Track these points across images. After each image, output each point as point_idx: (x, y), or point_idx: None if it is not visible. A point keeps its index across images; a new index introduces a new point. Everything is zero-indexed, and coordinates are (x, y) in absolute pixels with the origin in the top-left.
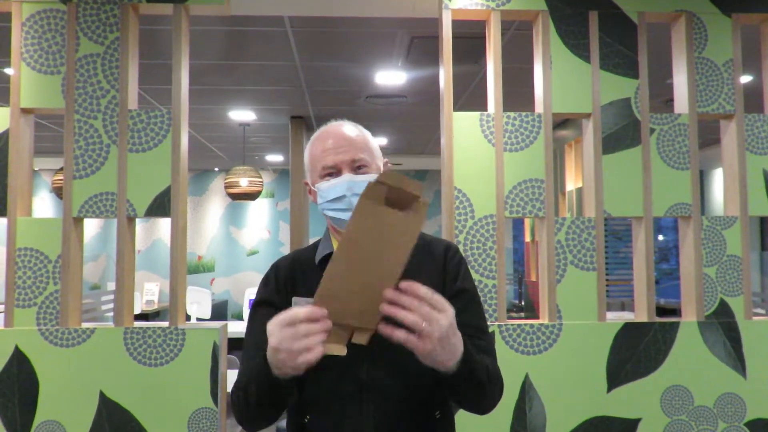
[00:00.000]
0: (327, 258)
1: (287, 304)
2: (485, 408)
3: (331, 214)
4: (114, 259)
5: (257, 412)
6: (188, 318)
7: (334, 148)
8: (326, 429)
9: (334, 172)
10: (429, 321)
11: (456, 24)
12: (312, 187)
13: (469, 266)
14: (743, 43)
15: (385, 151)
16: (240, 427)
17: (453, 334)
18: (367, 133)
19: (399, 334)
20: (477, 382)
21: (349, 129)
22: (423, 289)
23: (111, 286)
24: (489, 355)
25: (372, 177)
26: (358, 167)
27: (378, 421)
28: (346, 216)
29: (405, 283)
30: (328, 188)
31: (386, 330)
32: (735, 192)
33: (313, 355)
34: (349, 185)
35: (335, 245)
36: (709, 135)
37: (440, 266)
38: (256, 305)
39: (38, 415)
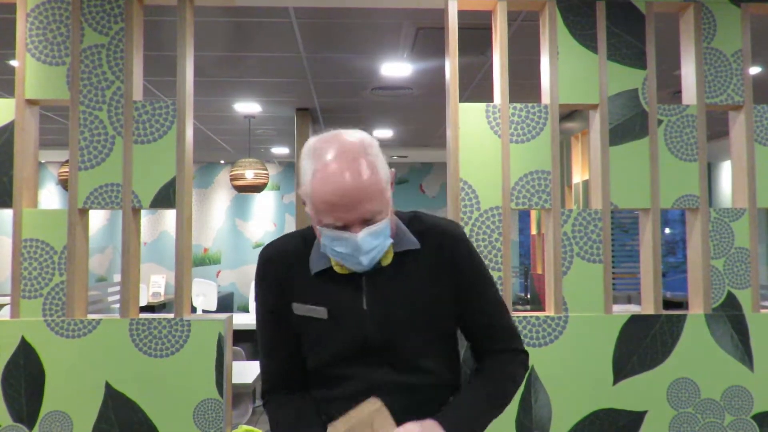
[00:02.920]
0: (324, 271)
1: (287, 307)
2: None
3: (332, 255)
4: (120, 251)
5: None
6: (194, 310)
7: (339, 206)
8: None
9: (341, 226)
10: None
11: (462, 15)
12: (313, 220)
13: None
14: (752, 33)
15: (390, 143)
16: (246, 417)
17: None
18: (375, 157)
19: None
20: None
21: (357, 169)
22: None
23: (117, 278)
24: (512, 333)
25: (382, 225)
26: (368, 219)
27: (401, 404)
28: (351, 264)
29: None
30: (333, 239)
31: None
32: (743, 184)
33: None
34: (358, 246)
35: (333, 261)
36: (716, 127)
37: (445, 261)
38: (260, 308)
39: (44, 405)
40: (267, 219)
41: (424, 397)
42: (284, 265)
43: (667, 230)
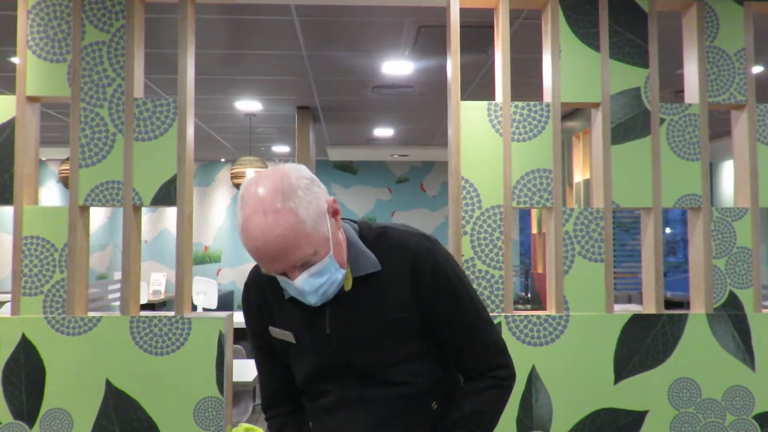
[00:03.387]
0: (293, 299)
1: (265, 330)
2: None
3: (290, 292)
4: (121, 249)
5: None
6: (194, 308)
7: (265, 260)
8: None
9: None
10: None
11: (464, 13)
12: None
13: (476, 258)
14: (756, 32)
15: (391, 142)
16: (246, 416)
17: None
18: (300, 205)
19: None
20: None
21: (270, 229)
22: None
23: (118, 276)
24: (489, 352)
25: (321, 265)
26: (302, 264)
27: (375, 415)
28: (309, 303)
29: None
30: (282, 281)
31: None
32: (746, 183)
33: None
34: (301, 291)
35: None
36: (717, 127)
37: (405, 279)
38: (248, 331)
39: (45, 402)
40: None
41: (400, 408)
42: (262, 290)
43: (668, 230)
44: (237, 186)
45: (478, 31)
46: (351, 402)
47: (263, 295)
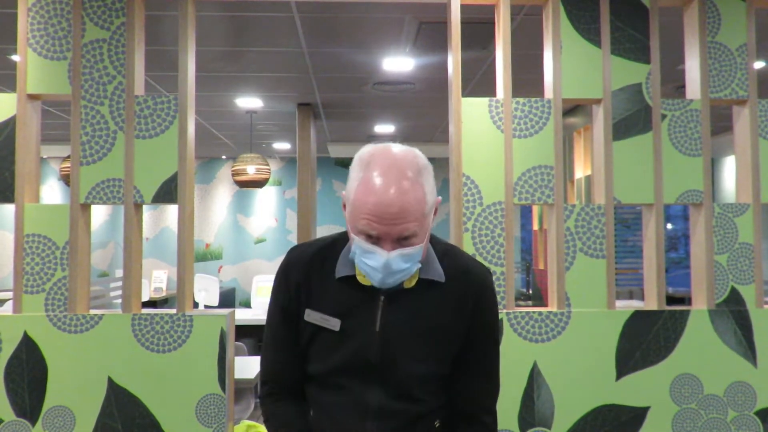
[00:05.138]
0: (347, 277)
1: (300, 312)
2: None
3: (361, 268)
4: (122, 246)
5: None
6: (196, 305)
7: (380, 216)
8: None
9: (375, 236)
10: None
11: (465, 9)
12: (347, 222)
13: (478, 255)
14: (757, 27)
15: (392, 138)
16: (248, 413)
17: None
18: (425, 178)
19: None
20: None
21: (405, 187)
22: None
23: (119, 273)
24: (491, 393)
25: (415, 249)
26: (404, 238)
27: (386, 426)
28: (375, 282)
29: None
30: (364, 251)
31: None
32: (747, 179)
33: None
34: (386, 264)
35: (357, 270)
36: (719, 123)
37: (468, 302)
38: (273, 304)
39: (47, 400)
40: (268, 214)
41: (408, 423)
42: (306, 269)
43: (669, 226)
44: (238, 183)
45: (478, 28)
46: (367, 407)
47: (307, 277)
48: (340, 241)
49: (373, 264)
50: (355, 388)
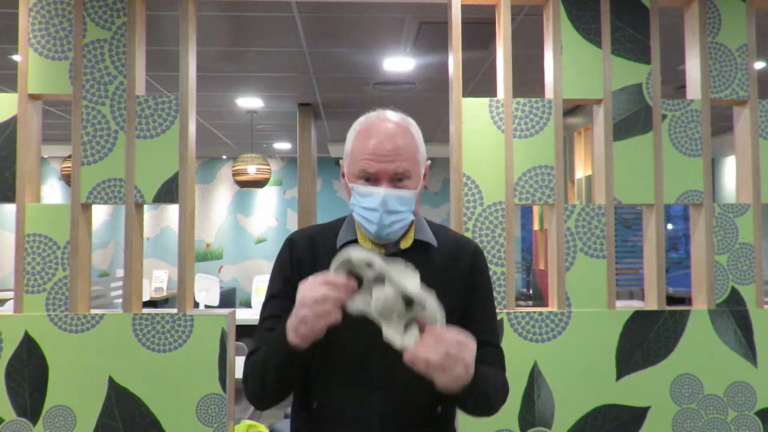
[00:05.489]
0: (348, 243)
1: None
2: (487, 414)
3: (359, 219)
4: (123, 246)
5: (269, 383)
6: (196, 305)
7: (376, 154)
8: (333, 415)
9: (372, 178)
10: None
11: (465, 9)
12: (347, 182)
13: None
14: (758, 27)
15: None
16: (249, 413)
17: (469, 366)
18: (416, 133)
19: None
20: (482, 399)
21: (397, 131)
22: (447, 336)
23: (120, 273)
24: (495, 364)
25: (409, 193)
26: (398, 179)
27: (383, 412)
28: (372, 228)
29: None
30: (362, 195)
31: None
32: (748, 179)
33: (333, 315)
34: (383, 201)
35: (359, 235)
36: (719, 123)
37: (466, 275)
38: (272, 283)
39: (48, 400)
40: (269, 214)
41: (411, 406)
42: (313, 247)
43: (669, 226)
44: (238, 183)
45: (479, 28)
46: (374, 380)
47: (313, 253)
48: (338, 224)
49: (371, 204)
50: (357, 349)
